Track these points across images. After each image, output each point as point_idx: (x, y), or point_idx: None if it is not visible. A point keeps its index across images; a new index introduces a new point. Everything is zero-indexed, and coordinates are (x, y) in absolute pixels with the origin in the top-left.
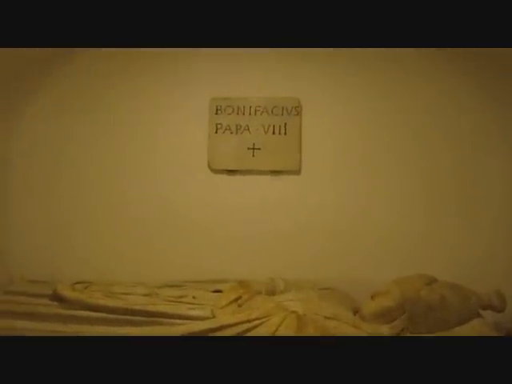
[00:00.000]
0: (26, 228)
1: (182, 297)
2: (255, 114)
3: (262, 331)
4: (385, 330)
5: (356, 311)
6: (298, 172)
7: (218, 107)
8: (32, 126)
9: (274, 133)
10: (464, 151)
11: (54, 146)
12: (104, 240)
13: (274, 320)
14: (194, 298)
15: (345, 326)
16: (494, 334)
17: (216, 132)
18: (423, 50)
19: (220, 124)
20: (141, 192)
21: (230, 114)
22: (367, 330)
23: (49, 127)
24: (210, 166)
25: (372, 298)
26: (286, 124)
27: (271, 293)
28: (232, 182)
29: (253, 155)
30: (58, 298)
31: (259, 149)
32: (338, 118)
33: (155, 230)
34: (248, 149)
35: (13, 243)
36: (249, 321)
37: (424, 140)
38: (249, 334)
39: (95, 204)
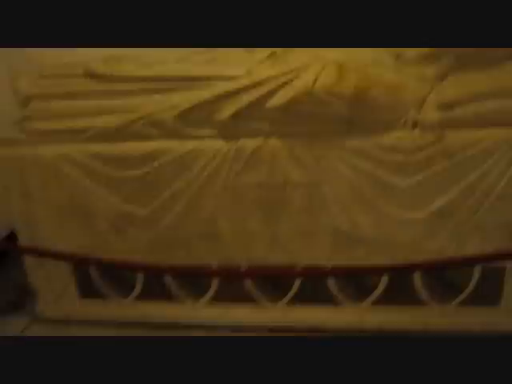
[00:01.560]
0: None
1: (214, 59)
2: None
3: (300, 83)
4: (430, 72)
5: (397, 56)
6: None
7: None
8: None
9: None
10: None
11: None
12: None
13: (312, 69)
14: (226, 59)
15: (387, 73)
16: None
17: None
18: None
19: None
20: None
21: None
22: (411, 73)
23: None
24: None
25: None
26: None
27: None
28: None
29: None
30: (91, 74)
31: None
32: None
33: None
34: None
35: None
36: (285, 73)
37: None
38: (286, 88)
39: None
